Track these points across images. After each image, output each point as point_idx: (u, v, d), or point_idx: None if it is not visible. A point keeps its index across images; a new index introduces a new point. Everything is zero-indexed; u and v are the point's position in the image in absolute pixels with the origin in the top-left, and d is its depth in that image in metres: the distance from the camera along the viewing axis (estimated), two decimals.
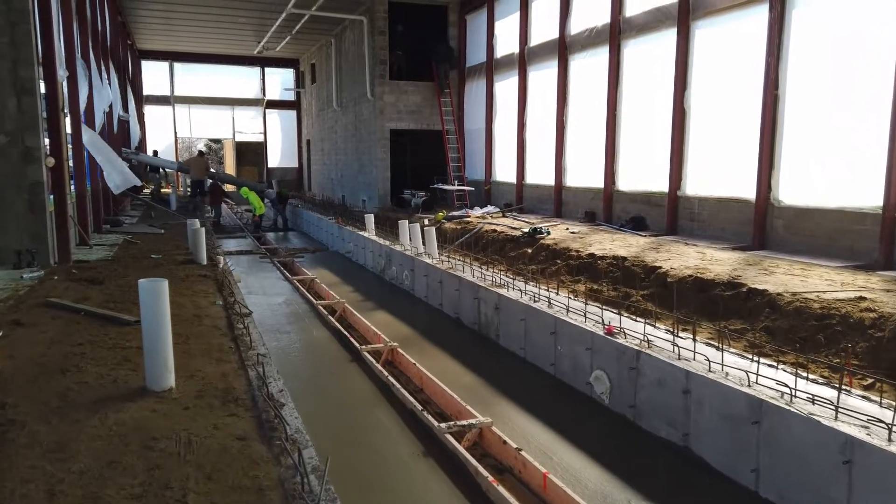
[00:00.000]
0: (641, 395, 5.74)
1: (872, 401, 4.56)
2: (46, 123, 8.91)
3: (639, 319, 6.81)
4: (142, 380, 4.47)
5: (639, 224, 12.12)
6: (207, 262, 9.83)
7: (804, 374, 4.93)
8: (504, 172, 17.53)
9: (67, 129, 10.28)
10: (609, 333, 6.20)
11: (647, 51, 12.15)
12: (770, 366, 5.27)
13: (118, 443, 3.57)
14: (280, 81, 30.70)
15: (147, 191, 24.44)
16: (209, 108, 29.42)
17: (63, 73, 10.00)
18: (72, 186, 10.60)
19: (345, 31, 21.55)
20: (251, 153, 31.06)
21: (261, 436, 3.72)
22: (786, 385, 4.56)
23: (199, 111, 29.25)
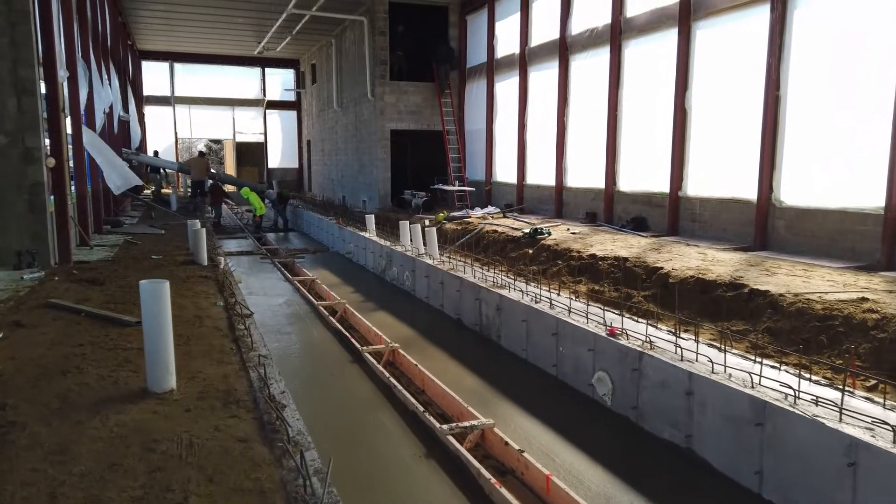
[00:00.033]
0: (644, 397, 5.72)
1: (876, 402, 4.55)
2: (47, 124, 8.90)
3: (640, 320, 6.80)
4: (143, 381, 4.46)
5: (640, 225, 12.11)
6: (208, 263, 9.82)
7: (807, 376, 4.91)
8: (505, 173, 17.52)
9: (68, 130, 10.26)
10: (611, 335, 6.18)
11: (648, 51, 12.14)
12: (773, 367, 5.25)
13: (119, 445, 3.56)
14: (280, 82, 30.72)
15: (147, 191, 24.43)
16: (209, 109, 29.43)
17: (63, 74, 9.99)
18: (72, 187, 10.59)
19: (345, 32, 21.55)
20: (251, 154, 31.07)
21: (262, 438, 3.71)
22: (789, 387, 4.54)
23: (200, 112, 29.26)
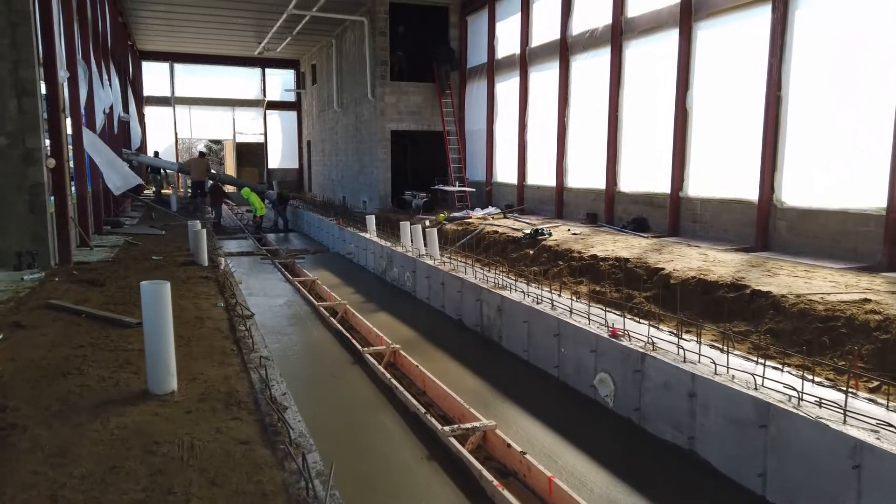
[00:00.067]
0: (646, 398, 5.70)
1: (879, 404, 4.54)
2: (47, 125, 8.88)
3: (642, 321, 6.79)
4: (143, 383, 4.44)
5: (641, 225, 12.10)
6: (209, 264, 9.80)
7: (810, 377, 4.89)
8: (505, 173, 17.50)
9: (68, 131, 10.25)
10: (613, 336, 6.16)
11: (649, 52, 12.13)
12: (775, 368, 5.24)
13: (120, 447, 3.53)
14: (280, 82, 30.72)
15: (148, 192, 24.42)
16: (210, 109, 29.43)
17: (64, 75, 9.97)
18: (72, 187, 10.57)
19: (345, 32, 21.54)
20: (252, 154, 31.06)
21: (264, 440, 3.69)
22: (793, 388, 4.52)
23: (200, 112, 29.25)
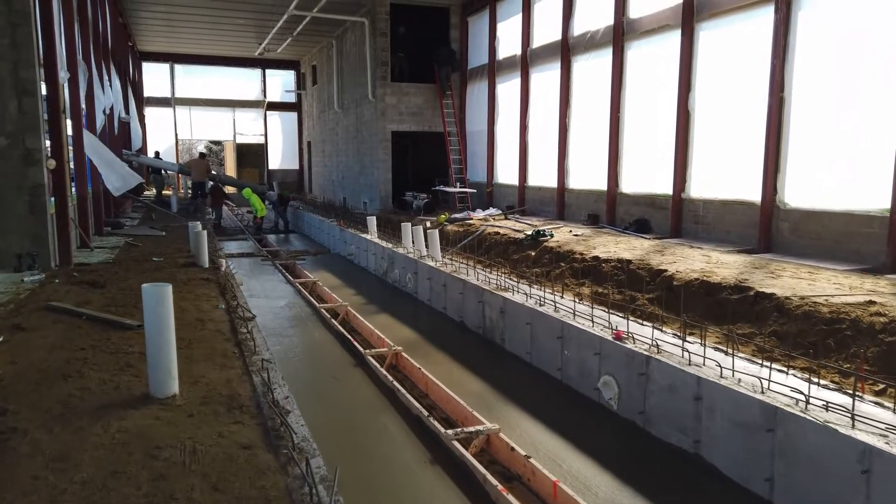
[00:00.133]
0: (651, 401, 5.66)
1: (886, 407, 4.50)
2: (47, 125, 8.85)
3: (645, 323, 6.75)
4: (145, 386, 4.40)
5: (642, 226, 12.06)
6: (209, 265, 9.76)
7: (816, 380, 4.85)
8: (506, 174, 17.46)
9: (68, 131, 10.21)
10: (617, 338, 6.12)
11: (651, 52, 12.10)
12: (780, 371, 5.20)
13: (121, 451, 3.50)
14: (281, 83, 30.70)
15: (148, 193, 24.37)
16: (210, 110, 29.39)
17: (64, 75, 9.94)
18: (73, 188, 10.53)
19: (346, 33, 21.51)
20: (252, 155, 31.03)
21: (267, 444, 3.65)
22: (799, 391, 4.48)
23: (200, 113, 29.22)
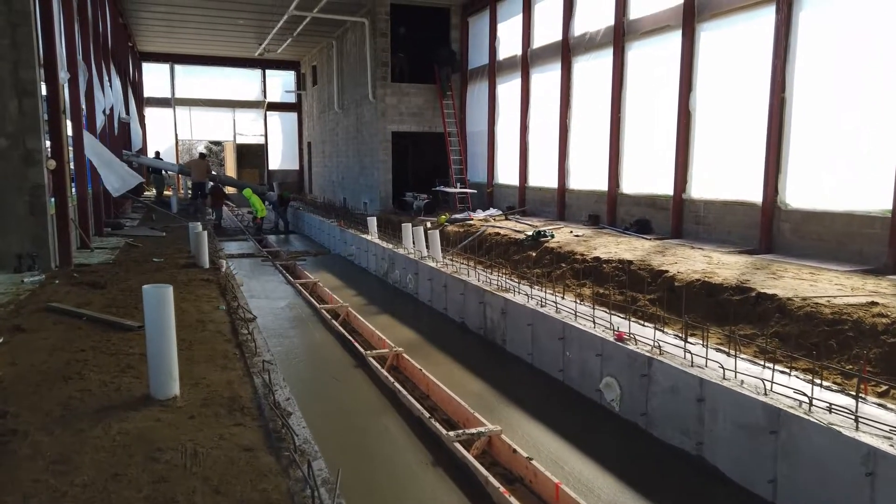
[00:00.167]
0: (653, 403, 5.64)
1: (889, 409, 4.48)
2: (47, 126, 8.83)
3: (647, 324, 6.74)
4: (145, 388, 4.38)
5: (643, 227, 12.05)
6: (210, 266, 9.74)
7: (818, 382, 4.84)
8: (506, 175, 17.45)
9: (68, 132, 10.20)
10: (619, 339, 6.10)
11: (652, 53, 12.09)
12: (782, 372, 5.18)
13: (122, 454, 3.48)
14: (281, 83, 30.71)
15: (148, 193, 24.35)
16: (210, 111, 29.40)
17: (64, 75, 9.93)
18: (73, 189, 10.52)
19: (346, 33, 21.50)
20: (252, 155, 31.03)
21: (268, 446, 3.63)
22: (803, 393, 4.47)
23: (200, 113, 29.23)
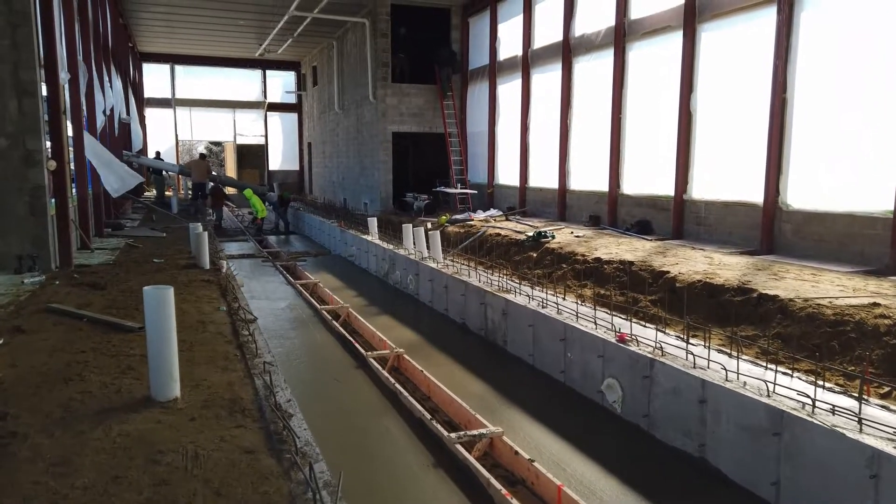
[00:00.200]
0: (655, 404, 5.62)
1: (892, 410, 4.47)
2: (48, 126, 8.82)
3: (648, 325, 6.72)
4: (146, 389, 4.37)
5: (644, 228, 12.03)
6: (210, 267, 9.72)
7: (821, 383, 4.82)
8: (507, 176, 17.44)
9: (69, 132, 10.19)
10: (621, 341, 6.09)
11: (653, 53, 12.07)
12: (785, 374, 5.17)
13: (123, 456, 3.46)
14: (281, 84, 30.70)
15: (149, 194, 24.32)
16: (210, 111, 29.40)
17: (65, 76, 9.91)
18: (73, 189, 10.50)
19: (347, 34, 21.49)
20: (252, 156, 31.02)
21: (269, 448, 3.62)
22: (806, 395, 4.45)
23: (200, 114, 29.23)
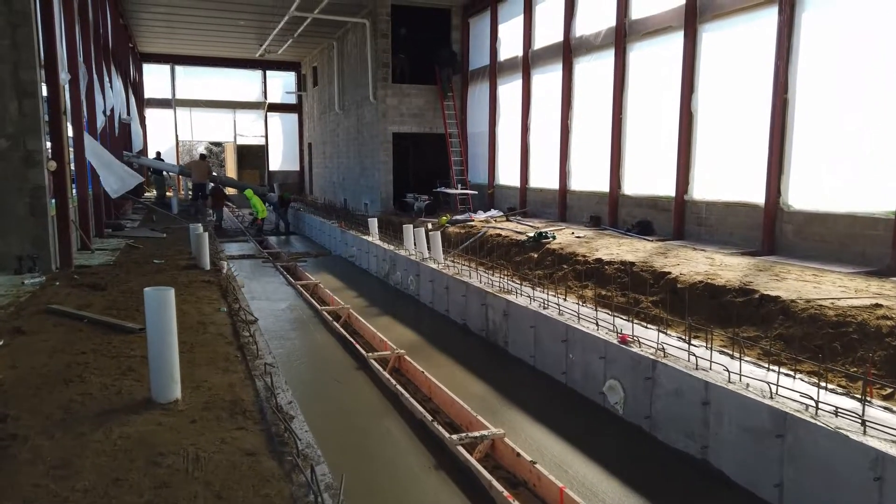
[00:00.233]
0: (657, 406, 5.61)
1: (895, 412, 4.45)
2: (48, 127, 8.80)
3: (650, 326, 6.70)
4: (147, 391, 4.35)
5: (645, 228, 12.02)
6: (211, 267, 9.71)
7: (824, 385, 4.80)
8: (507, 176, 17.42)
9: (69, 133, 10.17)
10: (623, 342, 6.07)
11: (654, 54, 12.06)
12: (787, 375, 5.16)
13: (123, 458, 3.45)
14: (282, 84, 30.69)
15: (149, 194, 24.29)
16: (210, 111, 29.39)
17: (65, 76, 9.89)
18: (73, 190, 10.49)
19: (347, 34, 21.48)
20: (252, 156, 31.01)
21: (270, 451, 3.60)
22: (809, 396, 4.44)
23: (201, 114, 29.21)
